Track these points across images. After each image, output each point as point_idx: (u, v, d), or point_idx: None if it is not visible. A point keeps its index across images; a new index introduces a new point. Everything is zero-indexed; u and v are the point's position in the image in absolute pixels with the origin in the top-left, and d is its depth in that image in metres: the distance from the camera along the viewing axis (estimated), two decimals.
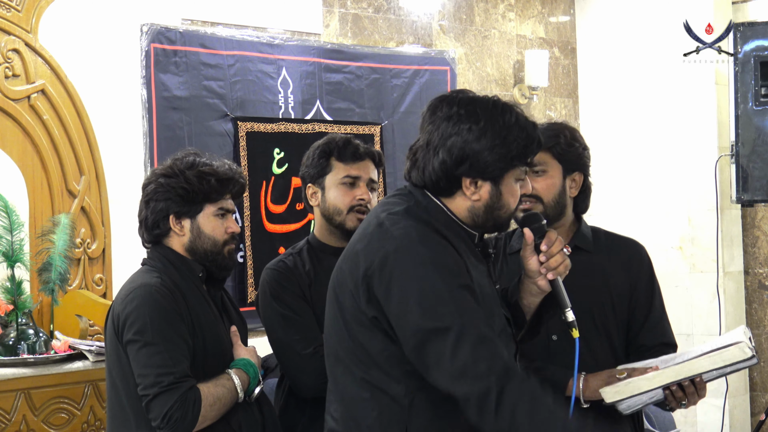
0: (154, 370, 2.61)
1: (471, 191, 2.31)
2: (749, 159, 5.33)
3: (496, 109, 2.30)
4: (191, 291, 2.78)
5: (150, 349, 2.63)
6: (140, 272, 2.84)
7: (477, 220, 2.34)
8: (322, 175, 3.04)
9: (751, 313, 6.12)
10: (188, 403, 2.59)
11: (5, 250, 3.52)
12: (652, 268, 2.94)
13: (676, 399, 2.66)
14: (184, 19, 4.79)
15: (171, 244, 2.83)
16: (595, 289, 2.82)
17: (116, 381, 2.73)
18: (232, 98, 4.85)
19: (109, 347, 2.77)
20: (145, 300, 2.68)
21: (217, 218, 2.84)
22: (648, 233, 6.12)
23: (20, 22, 3.88)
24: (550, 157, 2.83)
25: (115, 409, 2.74)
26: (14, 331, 3.47)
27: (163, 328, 2.64)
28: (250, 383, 2.76)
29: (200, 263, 2.83)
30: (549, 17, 6.43)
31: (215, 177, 2.82)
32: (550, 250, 2.40)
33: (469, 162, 2.27)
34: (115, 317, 2.72)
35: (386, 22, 5.61)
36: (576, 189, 2.88)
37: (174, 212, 2.80)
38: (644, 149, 6.26)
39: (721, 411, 5.73)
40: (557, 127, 2.89)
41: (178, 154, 2.90)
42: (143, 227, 2.87)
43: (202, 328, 2.74)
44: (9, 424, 3.24)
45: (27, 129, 3.86)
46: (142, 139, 4.57)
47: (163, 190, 2.81)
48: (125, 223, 4.39)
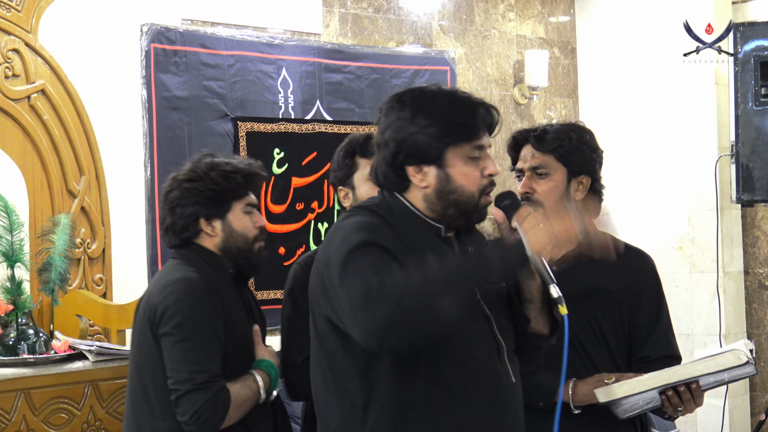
0: (189, 366, 2.60)
1: (419, 179, 2.28)
2: (749, 159, 5.33)
3: (424, 95, 2.31)
4: (225, 288, 2.78)
5: (186, 345, 2.62)
6: (174, 265, 2.80)
7: (435, 208, 2.29)
8: (350, 174, 3.02)
9: (751, 313, 6.12)
10: (218, 403, 2.59)
11: (5, 250, 3.52)
12: (658, 280, 2.89)
13: (672, 405, 2.65)
14: (184, 19, 4.79)
15: (203, 244, 2.81)
16: (595, 297, 2.78)
17: (143, 372, 2.71)
18: (232, 98, 4.85)
19: (138, 338, 2.75)
20: (185, 294, 2.66)
21: (246, 215, 2.84)
22: (648, 233, 6.12)
23: (20, 22, 3.88)
24: (552, 160, 2.78)
25: (139, 401, 2.73)
26: (14, 331, 3.47)
27: (201, 325, 2.64)
28: (271, 385, 2.76)
29: (232, 261, 2.82)
30: (549, 17, 6.43)
31: (240, 174, 2.82)
32: (522, 226, 2.26)
33: (405, 149, 2.27)
34: (151, 308, 2.69)
35: (386, 22, 5.61)
36: (583, 192, 2.82)
37: (204, 215, 2.79)
38: (644, 149, 6.26)
39: (721, 411, 5.73)
40: (565, 128, 2.84)
41: (193, 157, 2.88)
42: (170, 232, 2.84)
43: (234, 325, 2.74)
44: (9, 424, 3.24)
45: (27, 129, 3.86)
46: (142, 139, 4.57)
47: (189, 195, 2.79)
48: (125, 223, 4.40)
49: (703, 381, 2.65)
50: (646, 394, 2.64)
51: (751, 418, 6.06)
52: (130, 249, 4.43)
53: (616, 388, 2.62)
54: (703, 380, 2.65)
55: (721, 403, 5.71)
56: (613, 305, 2.80)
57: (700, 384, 2.65)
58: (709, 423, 5.86)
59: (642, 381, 2.62)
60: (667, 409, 2.67)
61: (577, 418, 2.69)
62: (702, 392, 2.67)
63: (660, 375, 2.62)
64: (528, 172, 2.80)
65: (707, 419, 5.86)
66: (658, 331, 2.83)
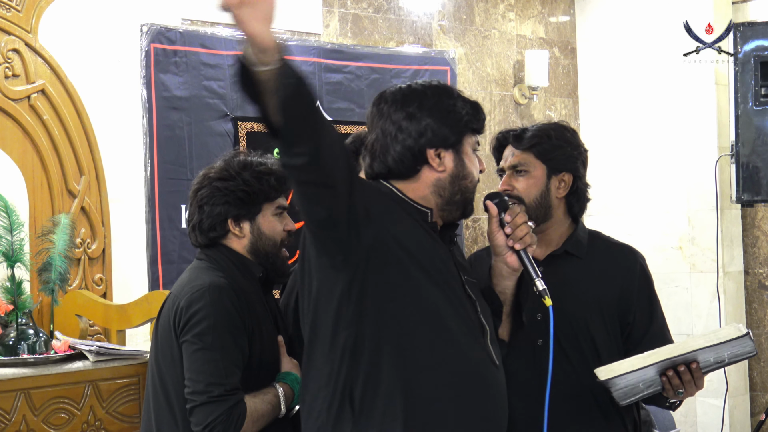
0: (206, 378, 2.54)
1: (437, 162, 2.36)
2: (749, 159, 5.33)
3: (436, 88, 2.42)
4: (254, 294, 2.70)
5: (206, 355, 2.56)
6: (202, 269, 2.72)
7: (443, 193, 2.38)
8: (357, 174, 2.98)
9: (751, 313, 6.12)
10: (233, 417, 2.53)
11: (5, 250, 3.52)
12: (649, 277, 2.89)
13: (673, 387, 2.63)
14: (184, 19, 4.79)
15: (231, 246, 2.74)
16: (582, 296, 2.77)
17: (165, 377, 2.66)
18: (232, 98, 4.85)
19: (162, 343, 2.68)
20: (213, 301, 2.59)
21: (275, 217, 2.76)
22: (648, 233, 6.13)
23: (20, 22, 3.88)
24: (532, 157, 2.81)
25: (161, 408, 2.67)
26: (14, 331, 3.47)
27: (224, 336, 2.57)
28: (294, 399, 2.68)
29: (261, 265, 2.75)
30: (549, 17, 6.43)
31: (274, 176, 2.74)
32: (514, 220, 2.43)
33: (429, 133, 2.35)
34: (178, 311, 2.62)
35: (386, 22, 5.61)
36: (564, 190, 2.83)
37: (233, 215, 2.72)
38: (644, 149, 6.26)
39: (721, 411, 5.73)
40: (545, 127, 2.87)
41: (226, 155, 2.81)
42: (196, 230, 2.76)
43: (262, 333, 2.67)
44: (9, 424, 3.24)
45: (27, 129, 3.86)
46: (142, 139, 4.57)
47: (220, 194, 2.71)
48: (125, 223, 4.40)
49: (703, 361, 2.62)
50: (647, 376, 2.61)
51: (751, 418, 6.06)
52: (130, 249, 4.43)
53: (617, 365, 2.59)
54: (703, 359, 2.62)
55: (721, 403, 5.71)
56: (600, 303, 2.79)
57: (700, 364, 2.62)
58: (709, 423, 5.86)
59: (642, 357, 2.60)
60: (668, 391, 2.65)
61: (565, 410, 2.68)
62: (702, 374, 2.64)
63: (660, 351, 2.60)
64: (508, 171, 2.84)
65: (707, 419, 5.87)
66: (653, 329, 2.82)
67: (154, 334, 2.76)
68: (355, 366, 2.24)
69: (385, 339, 2.24)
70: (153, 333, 2.76)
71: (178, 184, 4.65)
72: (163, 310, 2.73)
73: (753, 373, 6.11)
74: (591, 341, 2.77)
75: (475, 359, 2.32)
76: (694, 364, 2.62)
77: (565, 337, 2.69)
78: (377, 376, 2.23)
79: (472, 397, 2.30)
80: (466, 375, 2.30)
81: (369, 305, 2.25)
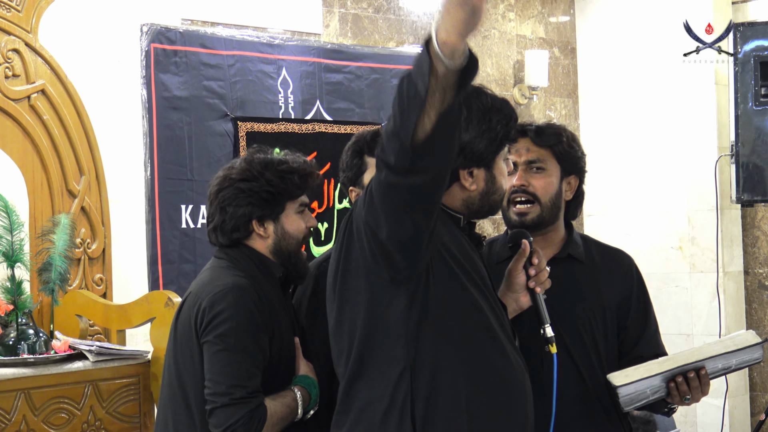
0: (228, 380, 2.52)
1: (469, 182, 2.31)
2: (749, 159, 5.33)
3: (471, 96, 2.32)
4: (274, 295, 2.68)
5: (228, 357, 2.53)
6: (222, 268, 2.68)
7: (472, 207, 2.34)
8: (360, 174, 2.91)
9: (751, 313, 6.12)
10: (254, 420, 2.51)
11: (5, 250, 3.52)
12: (642, 280, 2.87)
13: (681, 393, 2.60)
14: (184, 19, 4.79)
15: (254, 246, 2.71)
16: (586, 299, 2.75)
17: (184, 377, 2.63)
18: (232, 98, 4.85)
19: (182, 343, 2.65)
20: (236, 303, 2.56)
21: (298, 215, 2.74)
22: (648, 233, 6.13)
23: (20, 22, 3.88)
24: (550, 155, 2.74)
25: (179, 410, 2.64)
26: (14, 331, 3.47)
27: (246, 338, 2.54)
28: (310, 403, 2.66)
29: (283, 265, 2.72)
30: (549, 17, 6.43)
31: (297, 174, 2.70)
32: (540, 263, 2.44)
33: (463, 154, 2.27)
34: (201, 311, 2.59)
35: (386, 22, 5.61)
36: (571, 193, 2.79)
37: (257, 216, 2.68)
38: (644, 149, 6.26)
39: (721, 411, 5.73)
40: (559, 126, 2.83)
41: (247, 154, 2.76)
42: (218, 231, 2.71)
43: (282, 335, 2.65)
44: (9, 424, 3.24)
45: (27, 129, 3.86)
46: (142, 139, 4.57)
47: (244, 196, 2.67)
48: (125, 223, 4.40)
49: (711, 367, 2.61)
50: (655, 382, 2.59)
51: (751, 418, 6.06)
52: (130, 249, 4.43)
53: (631, 371, 2.57)
54: (712, 366, 2.60)
55: (721, 403, 5.71)
56: (603, 307, 2.77)
57: (708, 370, 2.60)
58: (709, 423, 5.86)
59: (658, 363, 2.58)
60: (674, 398, 2.62)
61: (571, 414, 2.67)
62: (709, 380, 2.63)
63: (676, 357, 2.58)
64: (523, 166, 2.74)
65: (707, 419, 5.87)
66: (648, 332, 2.80)
67: (172, 333, 2.72)
68: (416, 383, 2.21)
69: (445, 355, 2.22)
70: (171, 332, 2.72)
71: (178, 184, 4.65)
72: (182, 310, 2.69)
73: (753, 373, 6.11)
74: (595, 345, 2.75)
75: (516, 368, 2.31)
76: (703, 371, 2.60)
77: (571, 342, 2.68)
78: (439, 395, 2.21)
79: (517, 407, 2.30)
80: (513, 384, 2.29)
81: (430, 322, 2.21)
